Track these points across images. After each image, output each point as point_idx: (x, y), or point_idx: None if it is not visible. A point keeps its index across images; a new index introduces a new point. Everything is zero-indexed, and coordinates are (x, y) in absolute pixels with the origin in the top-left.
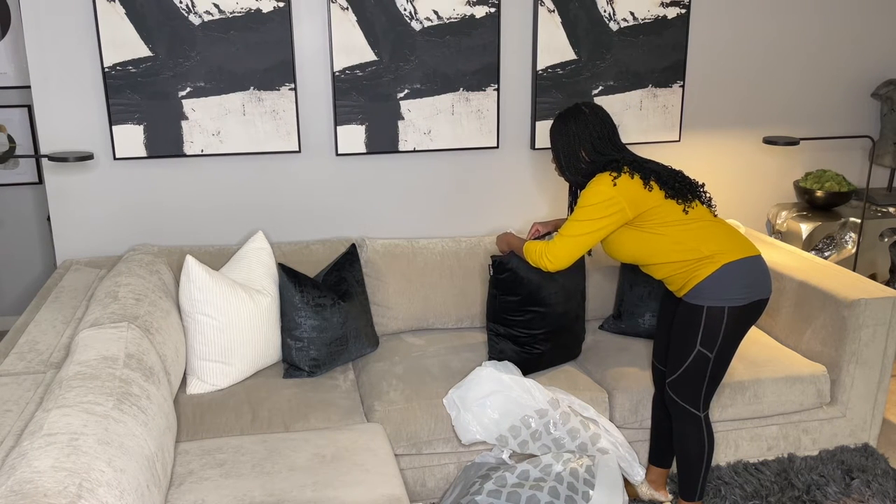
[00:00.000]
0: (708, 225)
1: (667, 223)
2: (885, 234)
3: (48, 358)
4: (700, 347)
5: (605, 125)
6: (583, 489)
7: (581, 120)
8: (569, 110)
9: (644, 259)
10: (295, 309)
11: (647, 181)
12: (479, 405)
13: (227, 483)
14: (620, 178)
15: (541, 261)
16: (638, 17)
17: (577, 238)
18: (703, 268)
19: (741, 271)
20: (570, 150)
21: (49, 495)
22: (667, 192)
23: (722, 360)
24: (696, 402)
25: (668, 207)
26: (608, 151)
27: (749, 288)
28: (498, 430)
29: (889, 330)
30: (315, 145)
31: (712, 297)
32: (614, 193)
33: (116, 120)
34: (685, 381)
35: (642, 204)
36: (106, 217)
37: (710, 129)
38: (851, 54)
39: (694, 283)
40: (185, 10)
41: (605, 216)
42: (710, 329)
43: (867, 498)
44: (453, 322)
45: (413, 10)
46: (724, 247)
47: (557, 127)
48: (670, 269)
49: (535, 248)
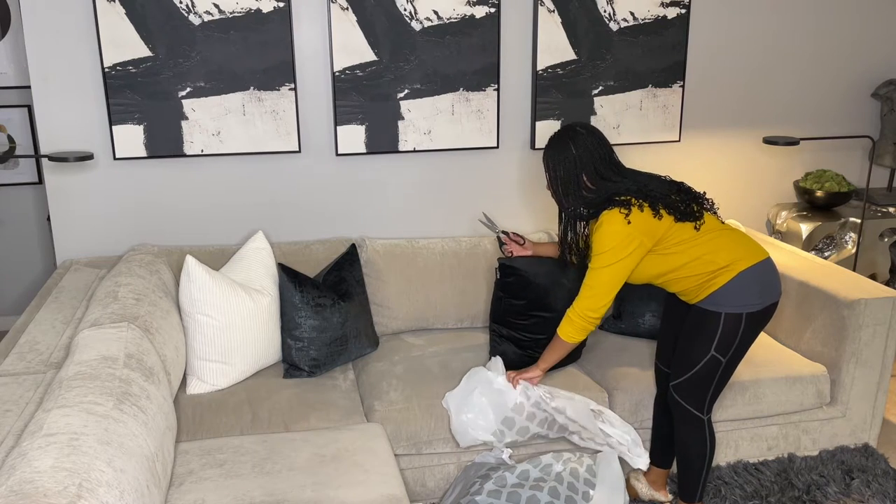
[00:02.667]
0: (719, 235)
1: (680, 242)
2: (885, 234)
3: (48, 358)
4: (714, 353)
5: (602, 145)
6: (583, 489)
7: (580, 142)
8: (564, 132)
9: (661, 278)
10: (295, 309)
11: (657, 210)
12: (469, 406)
13: (227, 483)
14: (631, 213)
15: (588, 323)
16: (638, 17)
17: (608, 281)
18: (720, 277)
19: (755, 277)
20: (571, 176)
21: (49, 495)
22: (676, 217)
23: (732, 364)
24: (701, 405)
25: (680, 228)
26: (610, 176)
27: (763, 293)
28: (492, 426)
29: (889, 330)
30: (315, 145)
31: (730, 304)
32: (630, 230)
33: (116, 120)
34: (694, 385)
35: (657, 232)
36: (106, 217)
37: (710, 129)
38: (851, 54)
39: (710, 290)
40: (185, 10)
41: (628, 254)
42: (726, 335)
43: (867, 498)
44: (453, 322)
45: (413, 10)
46: (738, 254)
47: (554, 152)
48: (687, 283)
49: (571, 325)
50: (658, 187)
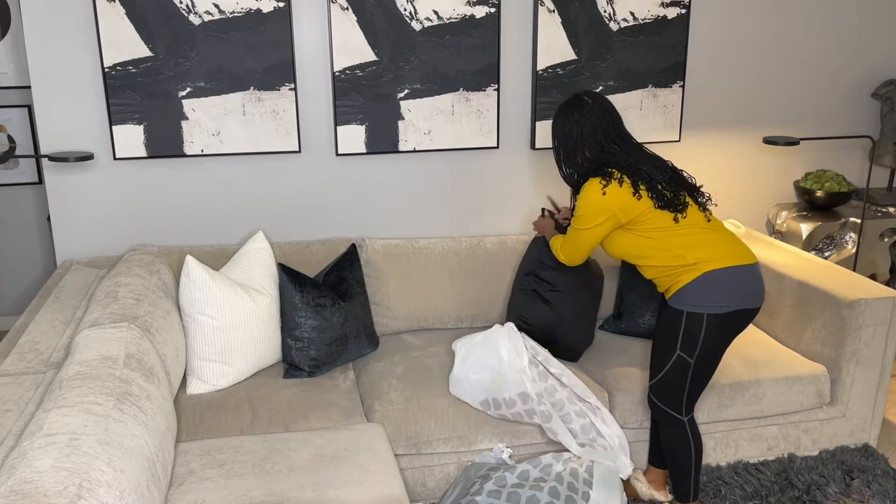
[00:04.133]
0: (698, 232)
1: (657, 228)
2: (885, 234)
3: (48, 358)
4: (680, 352)
5: (608, 116)
6: (583, 489)
7: (585, 112)
8: (571, 101)
9: (633, 259)
10: (295, 309)
11: (637, 189)
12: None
13: (227, 483)
14: (609, 186)
15: (557, 255)
16: (638, 17)
17: (578, 242)
18: (685, 274)
19: (722, 279)
20: (573, 145)
21: (49, 495)
22: (656, 203)
23: (703, 366)
24: (678, 406)
25: (659, 215)
26: (611, 148)
27: (730, 296)
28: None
29: (889, 330)
30: (315, 145)
31: (692, 302)
32: (603, 202)
33: (116, 120)
34: (666, 386)
35: (633, 210)
36: (106, 217)
37: (710, 129)
38: (851, 54)
39: (676, 287)
40: (185, 10)
41: (598, 223)
42: (689, 335)
43: (867, 498)
44: (453, 322)
45: (413, 10)
46: (710, 255)
47: (561, 120)
48: (656, 272)
49: (555, 244)
50: (650, 170)
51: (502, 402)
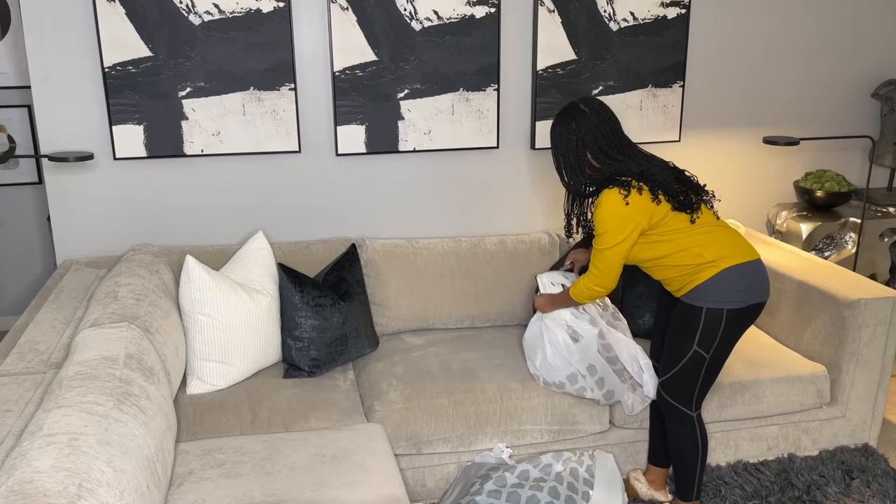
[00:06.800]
0: (712, 230)
1: (674, 230)
2: (885, 234)
3: (48, 358)
4: (697, 348)
5: (607, 123)
6: (583, 489)
7: (582, 120)
8: (567, 110)
9: (647, 262)
10: (295, 309)
11: (656, 195)
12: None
13: (227, 483)
14: (630, 195)
15: (594, 294)
16: (638, 17)
17: (609, 262)
18: (704, 271)
19: (740, 275)
20: (575, 155)
21: (49, 495)
22: (673, 205)
23: (717, 360)
24: (688, 401)
25: (675, 217)
26: (614, 154)
27: (747, 291)
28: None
29: (889, 330)
30: (315, 145)
31: (711, 299)
32: (627, 211)
33: (116, 120)
34: (679, 381)
35: (655, 216)
36: (106, 217)
37: (710, 129)
38: (851, 54)
39: (694, 284)
40: (185, 10)
41: (626, 236)
42: (708, 330)
43: (867, 498)
44: (453, 322)
45: (413, 10)
46: (726, 252)
47: (558, 130)
48: (672, 272)
49: (580, 291)
50: (660, 173)
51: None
